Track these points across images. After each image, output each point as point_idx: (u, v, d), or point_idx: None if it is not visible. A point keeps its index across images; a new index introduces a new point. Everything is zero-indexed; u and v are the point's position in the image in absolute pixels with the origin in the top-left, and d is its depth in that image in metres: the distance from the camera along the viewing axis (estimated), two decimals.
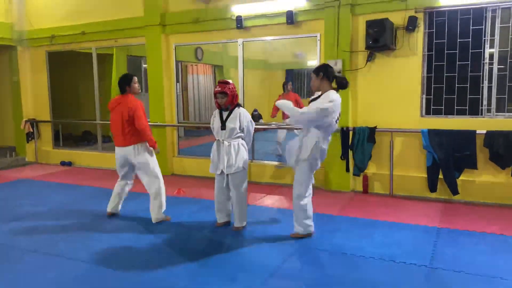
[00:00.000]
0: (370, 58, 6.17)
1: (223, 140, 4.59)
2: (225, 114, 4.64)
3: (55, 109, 9.46)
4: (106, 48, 8.89)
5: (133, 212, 5.42)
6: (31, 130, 9.40)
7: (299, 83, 10.45)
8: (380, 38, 5.76)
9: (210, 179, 7.33)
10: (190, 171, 7.84)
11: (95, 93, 8.86)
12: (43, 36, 8.96)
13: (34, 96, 9.52)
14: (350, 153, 6.28)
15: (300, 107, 4.36)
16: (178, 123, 8.03)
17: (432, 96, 5.99)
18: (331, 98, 4.12)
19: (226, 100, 4.56)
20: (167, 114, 7.83)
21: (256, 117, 7.72)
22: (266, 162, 7.32)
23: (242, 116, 4.60)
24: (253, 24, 6.94)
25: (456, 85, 5.83)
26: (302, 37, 6.79)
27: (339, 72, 6.23)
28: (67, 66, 10.14)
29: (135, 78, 5.07)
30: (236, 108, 4.64)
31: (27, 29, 9.17)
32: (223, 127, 4.59)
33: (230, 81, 4.67)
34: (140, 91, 5.15)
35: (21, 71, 9.39)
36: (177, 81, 8.02)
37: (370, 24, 5.83)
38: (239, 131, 4.60)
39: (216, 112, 4.74)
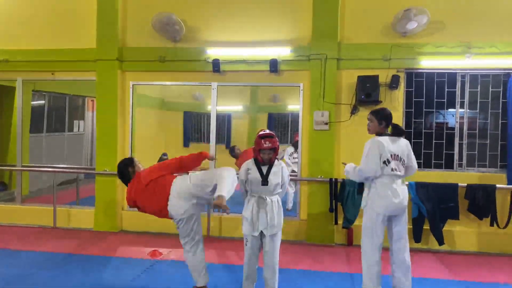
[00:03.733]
0: (354, 111, 6.32)
1: (265, 197, 4.07)
2: (264, 167, 4.14)
3: None
4: (5, 81, 7.50)
5: None
6: None
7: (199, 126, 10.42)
8: (373, 93, 5.97)
9: (167, 236, 6.49)
10: (140, 226, 6.81)
11: (18, 131, 7.27)
12: None
13: None
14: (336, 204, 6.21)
15: None
16: None
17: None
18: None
19: (273, 155, 4.10)
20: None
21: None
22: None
23: (284, 170, 4.17)
24: (231, 69, 6.57)
25: (434, 141, 6.30)
26: (284, 86, 6.68)
27: (326, 123, 6.24)
28: None
29: (136, 159, 4.49)
30: (276, 161, 4.19)
31: None
32: (265, 182, 4.07)
33: (268, 130, 4.24)
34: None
35: None
36: (76, 118, 7.07)
37: (362, 80, 6.01)
38: (279, 187, 4.15)
39: (251, 164, 4.17)
